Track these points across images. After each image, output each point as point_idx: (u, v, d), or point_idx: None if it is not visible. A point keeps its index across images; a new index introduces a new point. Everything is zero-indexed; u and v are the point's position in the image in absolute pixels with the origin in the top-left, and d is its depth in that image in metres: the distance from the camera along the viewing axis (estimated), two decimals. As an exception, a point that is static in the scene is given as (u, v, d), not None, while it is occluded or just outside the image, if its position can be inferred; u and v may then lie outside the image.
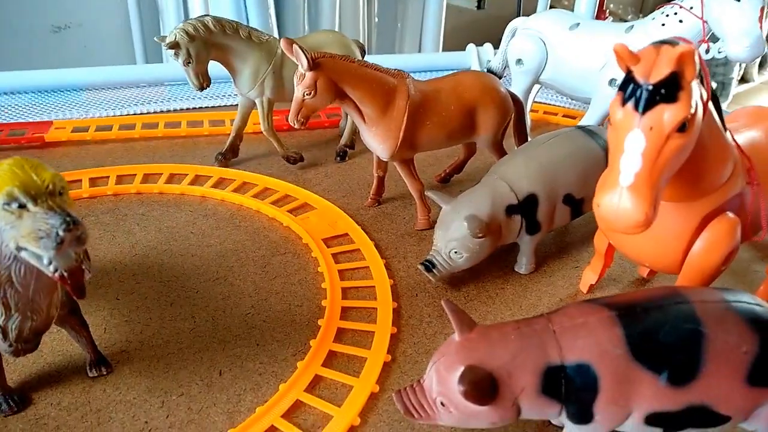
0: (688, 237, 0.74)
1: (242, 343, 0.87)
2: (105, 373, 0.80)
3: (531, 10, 2.48)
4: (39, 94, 1.81)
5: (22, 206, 0.54)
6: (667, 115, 0.57)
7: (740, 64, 1.92)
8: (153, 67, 2.03)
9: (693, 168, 0.66)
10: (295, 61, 0.96)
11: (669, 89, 0.57)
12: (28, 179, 0.54)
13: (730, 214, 0.73)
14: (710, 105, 0.65)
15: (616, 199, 0.59)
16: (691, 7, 1.17)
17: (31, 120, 1.61)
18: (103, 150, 1.47)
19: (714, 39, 1.18)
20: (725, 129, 0.71)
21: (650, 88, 0.57)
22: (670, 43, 0.59)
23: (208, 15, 1.23)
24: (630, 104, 0.59)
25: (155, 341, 0.87)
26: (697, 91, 0.59)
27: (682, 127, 0.58)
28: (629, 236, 0.77)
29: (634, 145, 0.59)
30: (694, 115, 0.58)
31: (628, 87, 0.59)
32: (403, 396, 0.64)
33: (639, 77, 0.58)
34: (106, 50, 2.41)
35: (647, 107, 0.58)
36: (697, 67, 0.58)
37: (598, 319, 0.61)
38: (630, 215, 0.59)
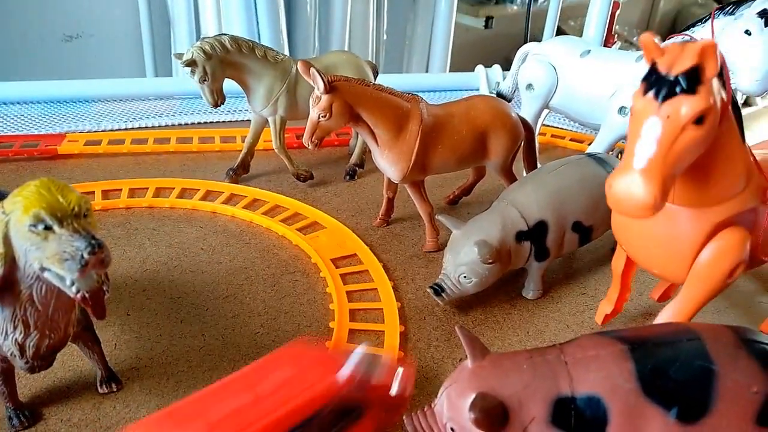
0: (698, 244, 0.74)
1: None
2: (115, 389, 0.81)
3: (538, 30, 2.51)
4: (51, 104, 1.83)
5: (48, 228, 0.55)
6: (685, 106, 0.59)
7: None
8: (166, 80, 2.05)
9: (707, 169, 0.68)
10: (312, 83, 0.97)
11: (689, 81, 0.59)
12: (54, 201, 0.55)
13: (741, 227, 0.73)
14: (730, 110, 0.66)
15: (628, 181, 0.61)
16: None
17: (43, 131, 1.63)
18: (115, 163, 1.48)
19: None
20: (744, 138, 0.72)
21: (671, 78, 0.59)
22: (695, 41, 0.61)
23: (225, 34, 1.25)
24: (651, 93, 0.61)
25: (165, 358, 0.87)
26: (717, 89, 0.61)
27: (699, 120, 0.60)
28: (640, 241, 0.79)
29: (651, 131, 0.61)
30: (712, 109, 0.60)
31: (651, 78, 0.61)
32: (414, 420, 0.64)
33: (662, 69, 0.60)
34: (116, 61, 2.43)
35: (667, 97, 0.60)
36: (719, 65, 0.59)
37: (609, 353, 0.61)
38: (639, 198, 0.60)
